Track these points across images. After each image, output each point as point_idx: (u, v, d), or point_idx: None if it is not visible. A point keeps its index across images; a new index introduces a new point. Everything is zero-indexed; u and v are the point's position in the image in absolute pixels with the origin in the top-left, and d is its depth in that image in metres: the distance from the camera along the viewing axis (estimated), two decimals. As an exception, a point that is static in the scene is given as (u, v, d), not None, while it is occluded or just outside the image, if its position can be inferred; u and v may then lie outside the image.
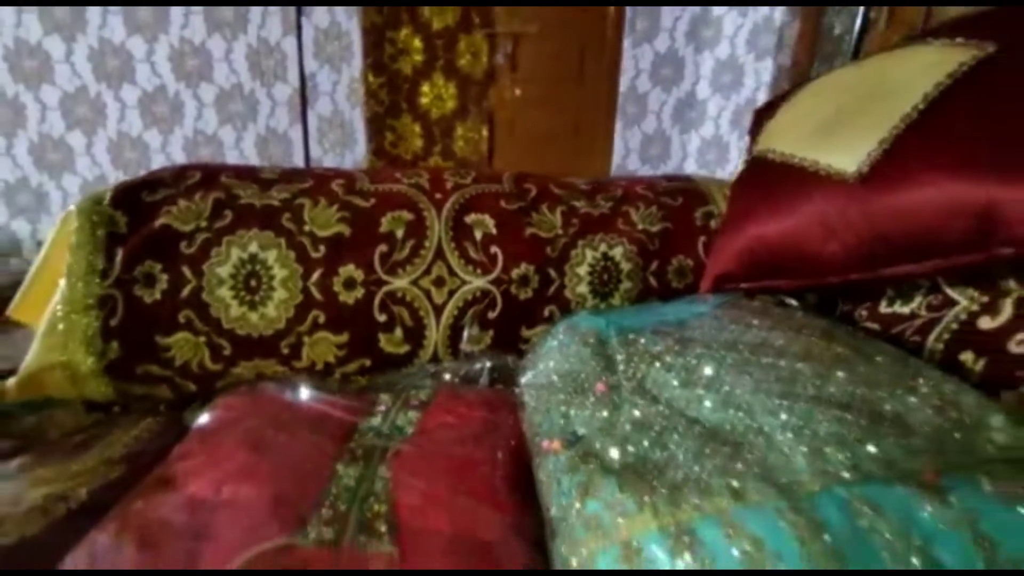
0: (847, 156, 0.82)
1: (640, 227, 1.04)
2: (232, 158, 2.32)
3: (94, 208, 0.88)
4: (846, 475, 0.48)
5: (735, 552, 0.43)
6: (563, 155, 2.71)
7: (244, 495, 0.60)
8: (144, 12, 2.21)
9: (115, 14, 2.21)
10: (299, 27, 2.26)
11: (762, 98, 2.11)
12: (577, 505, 0.53)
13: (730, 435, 0.57)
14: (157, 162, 2.13)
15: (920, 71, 0.83)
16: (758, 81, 2.28)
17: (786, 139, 0.96)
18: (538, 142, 2.72)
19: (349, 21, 2.36)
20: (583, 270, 0.99)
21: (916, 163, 0.75)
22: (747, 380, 0.63)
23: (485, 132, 2.37)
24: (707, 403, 0.62)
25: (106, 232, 0.87)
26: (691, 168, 2.78)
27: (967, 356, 0.74)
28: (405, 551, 0.55)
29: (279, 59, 2.36)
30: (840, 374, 0.63)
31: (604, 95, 2.73)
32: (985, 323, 0.74)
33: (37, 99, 2.30)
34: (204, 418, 0.81)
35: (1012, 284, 0.75)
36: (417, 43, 2.32)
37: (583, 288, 0.99)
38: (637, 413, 0.64)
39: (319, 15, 2.32)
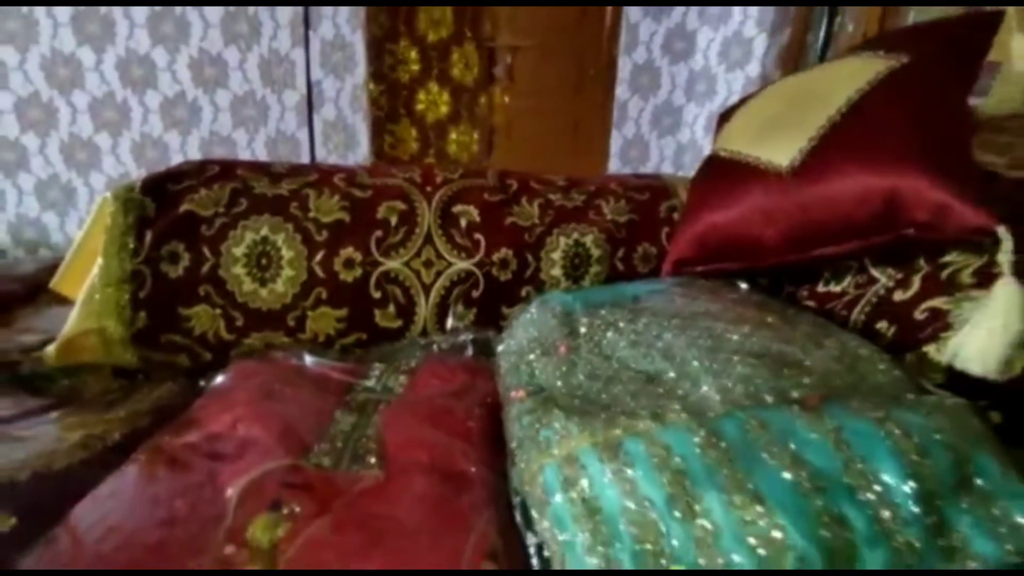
0: (782, 152, 0.90)
1: (609, 218, 1.12)
2: (244, 158, 2.42)
3: (127, 195, 0.97)
4: (746, 403, 0.57)
5: (651, 457, 0.52)
6: (560, 160, 2.81)
7: (256, 430, 0.69)
8: (167, 25, 2.33)
9: (141, 27, 2.33)
10: (307, 39, 2.42)
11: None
12: (531, 434, 0.62)
13: (663, 381, 0.66)
14: (175, 161, 2.24)
15: (846, 79, 0.92)
16: (729, 91, 2.40)
17: (736, 138, 1.05)
18: (536, 148, 2.78)
19: (353, 34, 2.44)
20: (557, 255, 1.08)
21: (837, 157, 0.84)
22: (683, 339, 0.72)
23: (476, 135, 2.48)
24: (648, 358, 0.71)
25: (137, 216, 0.96)
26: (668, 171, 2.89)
27: (882, 324, 0.83)
28: (390, 473, 0.64)
29: (288, 68, 2.47)
30: (762, 333, 0.72)
31: (600, 104, 2.82)
32: (898, 296, 0.83)
33: (68, 103, 2.41)
34: (220, 378, 0.90)
35: (922, 262, 0.83)
36: (414, 54, 2.42)
37: (557, 271, 1.07)
38: (590, 368, 0.73)
39: (325, 28, 2.41)
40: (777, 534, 0.45)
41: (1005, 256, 0.67)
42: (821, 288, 0.96)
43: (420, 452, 0.68)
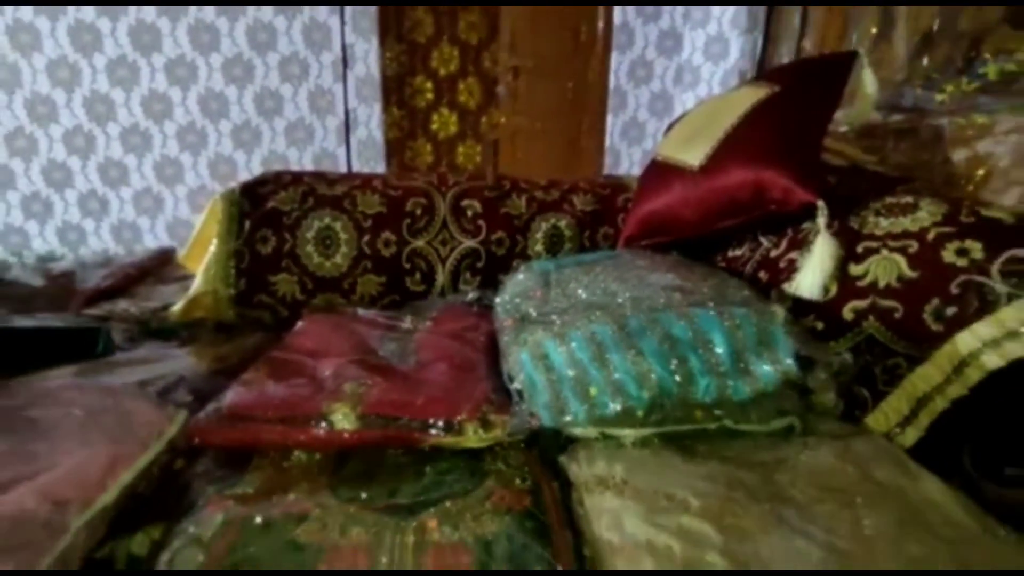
0: (695, 156, 1.14)
1: (579, 208, 1.35)
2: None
3: (230, 197, 1.22)
4: (645, 309, 0.83)
5: (583, 338, 0.77)
6: (559, 170, 3.04)
7: (335, 342, 0.96)
8: (237, 68, 2.63)
9: (217, 70, 2.64)
10: (344, 77, 2.74)
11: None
12: (515, 338, 0.87)
13: (601, 305, 0.93)
14: (242, 176, 2.56)
15: (739, 102, 1.15)
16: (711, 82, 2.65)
17: (668, 146, 1.27)
18: (537, 159, 3.00)
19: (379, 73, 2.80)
20: (539, 236, 1.31)
21: (727, 158, 1.07)
22: (619, 282, 0.98)
23: (479, 148, 2.76)
24: (594, 295, 0.97)
25: (238, 211, 1.22)
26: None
27: (761, 274, 1.06)
28: (423, 364, 0.90)
29: (330, 99, 2.77)
30: (670, 276, 0.98)
31: (593, 120, 3.01)
32: (772, 253, 1.07)
33: (161, 131, 2.75)
34: (300, 323, 1.16)
35: (790, 230, 1.08)
36: (428, 85, 2.72)
37: (539, 247, 1.30)
38: (555, 303, 0.99)
39: (359, 68, 2.70)
40: (650, 371, 0.72)
41: (822, 219, 0.91)
42: (729, 253, 1.19)
43: (443, 353, 0.92)
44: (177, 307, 1.18)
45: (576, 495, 0.66)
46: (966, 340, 0.77)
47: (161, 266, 1.65)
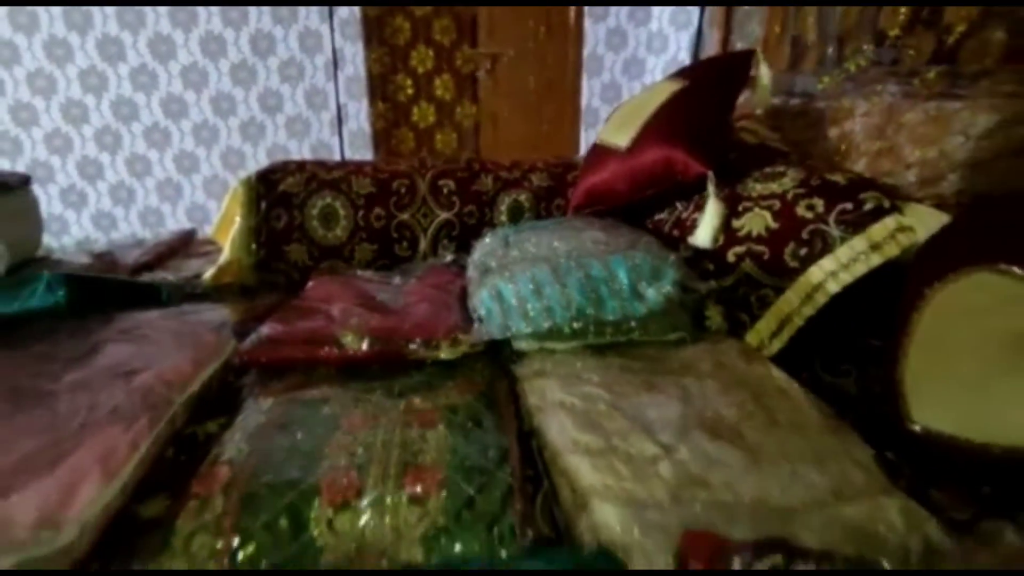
0: (623, 139, 1.37)
1: (536, 184, 1.55)
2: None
3: (248, 182, 1.40)
4: (574, 256, 1.06)
5: (526, 279, 1.00)
6: (536, 147, 3.13)
7: (339, 295, 1.18)
8: (243, 72, 2.83)
9: (225, 74, 2.85)
10: (335, 77, 2.96)
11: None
12: (480, 283, 1.10)
13: (544, 256, 1.15)
14: (250, 167, 2.79)
15: (661, 92, 1.36)
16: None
17: (606, 131, 1.50)
18: (517, 143, 3.17)
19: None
20: (504, 208, 1.50)
21: (645, 140, 1.26)
22: (560, 239, 1.20)
23: (455, 135, 3.00)
24: (540, 248, 1.20)
25: (255, 193, 1.42)
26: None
27: (675, 232, 1.28)
28: (409, 304, 1.13)
29: (324, 96, 2.98)
30: (600, 232, 1.20)
31: (569, 102, 3.16)
32: (683, 215, 1.30)
33: (178, 128, 2.97)
34: (310, 283, 1.37)
35: (696, 197, 1.31)
36: (409, 82, 2.95)
37: (504, 218, 1.49)
38: (510, 257, 1.21)
39: (348, 68, 2.91)
40: (572, 299, 0.94)
41: (711, 186, 1.14)
42: (655, 216, 1.39)
43: (425, 297, 1.13)
44: (209, 274, 1.38)
45: (519, 385, 0.89)
46: (815, 273, 1.00)
47: (185, 245, 1.84)
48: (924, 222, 0.94)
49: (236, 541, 0.59)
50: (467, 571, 0.49)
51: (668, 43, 2.66)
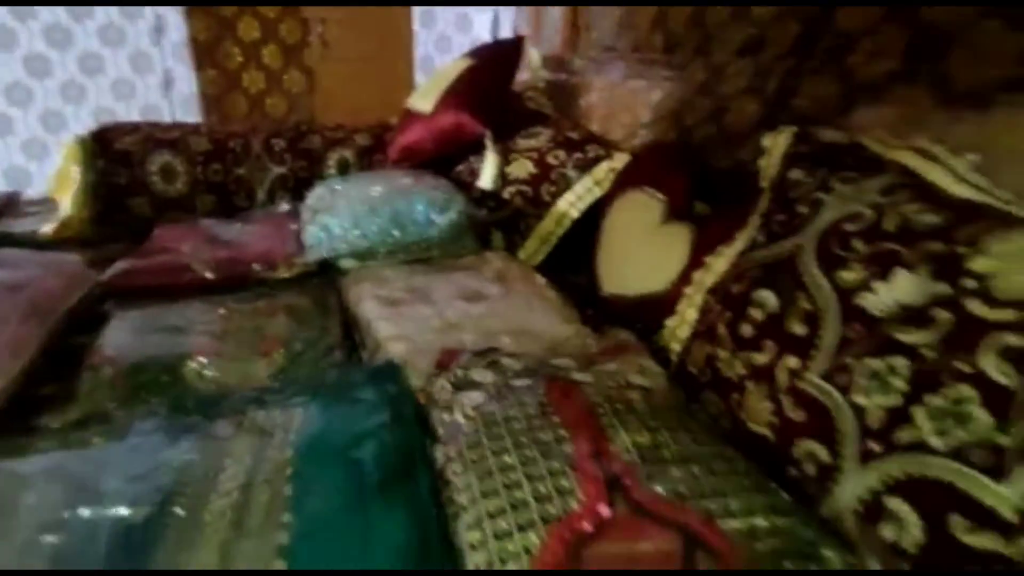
0: (427, 104, 1.67)
1: (359, 143, 1.82)
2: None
3: (83, 141, 1.49)
4: (386, 196, 1.34)
5: (347, 214, 1.27)
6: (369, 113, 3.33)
7: (187, 237, 1.35)
8: (58, 33, 2.68)
9: (38, 36, 2.67)
10: (160, 41, 2.91)
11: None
12: (311, 221, 1.35)
13: (363, 199, 1.42)
14: (73, 129, 2.67)
15: (456, 68, 1.67)
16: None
17: (415, 98, 1.79)
18: (348, 107, 3.18)
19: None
20: (332, 163, 1.71)
21: (443, 107, 1.56)
22: (375, 184, 1.47)
23: (285, 100, 3.10)
24: (361, 192, 1.46)
25: (90, 151, 1.51)
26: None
27: (469, 179, 1.65)
28: (250, 241, 1.34)
29: (148, 60, 2.91)
30: (409, 179, 1.49)
31: (400, 63, 3.35)
32: (476, 165, 1.65)
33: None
34: (156, 231, 1.50)
35: (484, 151, 1.66)
36: (236, 50, 2.98)
37: (333, 171, 1.71)
38: (338, 200, 1.47)
39: (173, 34, 2.88)
40: (382, 227, 1.23)
41: (488, 142, 1.48)
42: (457, 168, 1.72)
43: (264, 234, 1.34)
44: (49, 227, 1.45)
45: (343, 293, 1.17)
46: (561, 204, 1.36)
47: (10, 206, 1.82)
48: (624, 163, 1.34)
49: (130, 390, 0.80)
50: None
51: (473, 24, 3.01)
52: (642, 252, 1.09)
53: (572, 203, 1.39)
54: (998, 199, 0.57)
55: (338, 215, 1.25)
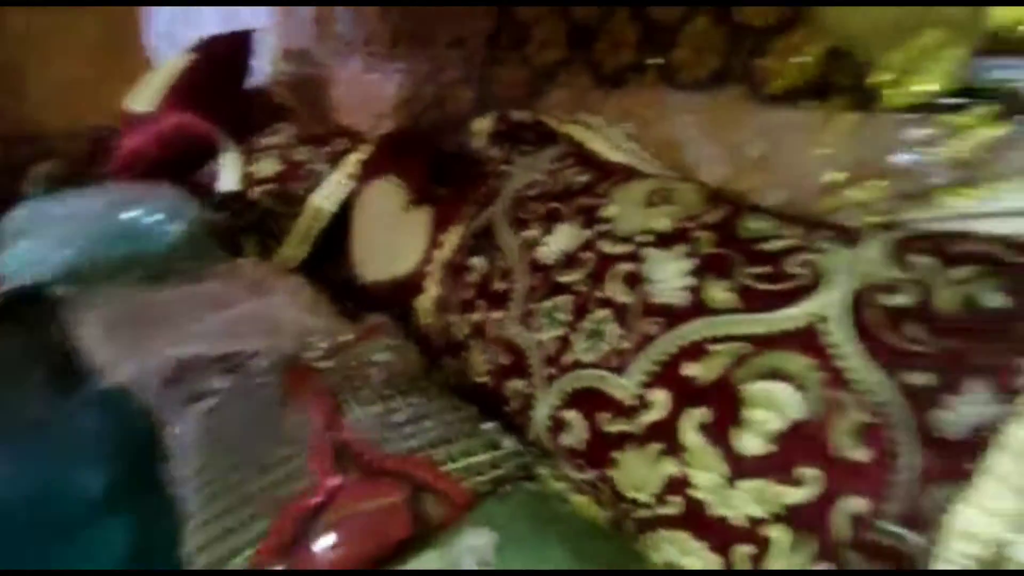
0: (147, 104, 1.50)
1: (71, 153, 1.61)
2: None
3: None
4: (103, 211, 1.19)
5: (56, 237, 1.11)
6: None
7: None
8: None
9: None
10: None
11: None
12: (7, 246, 1.14)
13: (74, 216, 1.24)
14: None
15: (177, 63, 1.54)
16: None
17: (132, 98, 1.55)
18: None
19: None
20: (36, 178, 1.54)
21: (165, 105, 1.44)
22: (91, 200, 1.30)
23: None
24: (72, 209, 1.28)
25: None
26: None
27: (210, 182, 1.54)
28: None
29: None
30: (130, 191, 1.35)
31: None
32: (215, 168, 1.54)
33: None
34: None
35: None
36: None
37: (40, 189, 1.53)
38: (40, 221, 1.27)
39: None
40: (95, 245, 1.09)
41: (224, 144, 1.41)
42: (196, 173, 1.61)
43: None
44: None
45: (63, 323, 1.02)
46: (315, 199, 1.33)
47: None
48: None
49: None
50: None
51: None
52: (390, 238, 1.12)
53: (326, 197, 1.37)
54: (639, 159, 0.70)
55: (42, 236, 1.09)
